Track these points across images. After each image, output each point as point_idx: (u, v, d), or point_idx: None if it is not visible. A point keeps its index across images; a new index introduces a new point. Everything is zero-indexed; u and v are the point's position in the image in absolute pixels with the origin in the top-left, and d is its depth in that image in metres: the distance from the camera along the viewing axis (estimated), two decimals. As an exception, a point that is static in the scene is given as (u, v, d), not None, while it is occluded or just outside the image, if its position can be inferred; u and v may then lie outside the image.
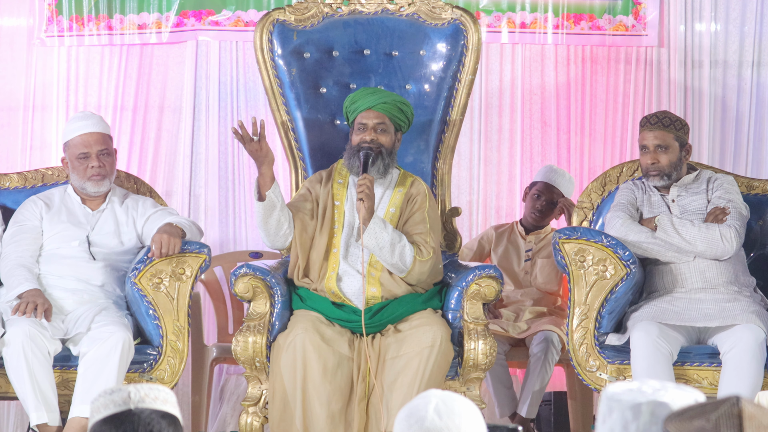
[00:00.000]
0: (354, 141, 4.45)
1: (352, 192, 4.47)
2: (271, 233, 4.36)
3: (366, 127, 4.43)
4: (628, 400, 2.06)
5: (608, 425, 2.06)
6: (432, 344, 4.12)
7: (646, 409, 2.04)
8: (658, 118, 4.68)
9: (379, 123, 4.44)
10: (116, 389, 2.35)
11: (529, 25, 5.96)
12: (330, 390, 4.10)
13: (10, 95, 5.89)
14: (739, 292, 4.55)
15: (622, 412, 2.06)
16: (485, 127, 5.98)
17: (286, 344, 4.14)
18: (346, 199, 4.46)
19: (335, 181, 4.50)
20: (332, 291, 4.33)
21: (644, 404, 2.05)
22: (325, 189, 4.48)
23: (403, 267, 4.30)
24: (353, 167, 4.44)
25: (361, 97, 4.47)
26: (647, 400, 2.05)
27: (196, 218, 5.89)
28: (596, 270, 4.44)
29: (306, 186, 4.52)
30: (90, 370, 4.23)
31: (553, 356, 5.08)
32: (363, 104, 4.45)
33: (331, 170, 4.55)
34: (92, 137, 4.64)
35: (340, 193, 4.48)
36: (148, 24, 5.89)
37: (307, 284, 4.39)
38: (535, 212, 5.49)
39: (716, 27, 6.00)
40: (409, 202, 4.45)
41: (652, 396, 2.06)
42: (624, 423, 2.05)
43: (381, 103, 4.44)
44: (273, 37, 4.79)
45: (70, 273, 4.53)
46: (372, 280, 4.34)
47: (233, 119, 5.92)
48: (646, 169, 4.70)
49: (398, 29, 4.85)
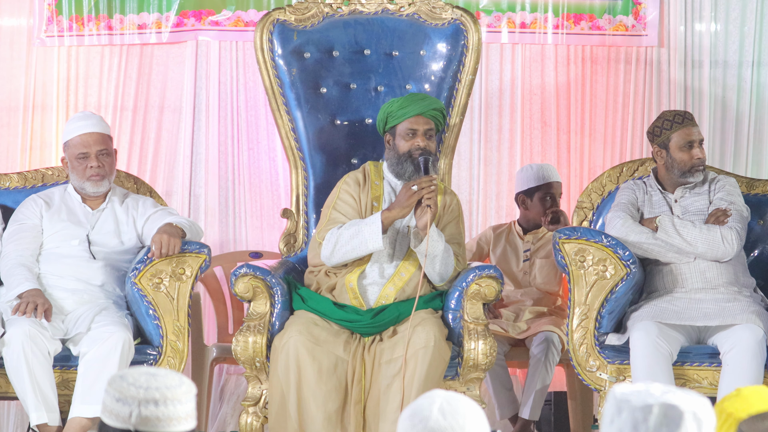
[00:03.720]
0: (403, 147, 4.42)
1: (389, 194, 4.47)
2: (349, 259, 4.35)
3: (416, 133, 4.42)
4: (638, 400, 2.06)
5: (617, 425, 2.06)
6: (425, 345, 4.11)
7: (658, 410, 2.04)
8: (689, 116, 4.70)
9: (428, 129, 4.44)
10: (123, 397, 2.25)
11: (529, 25, 5.96)
12: (326, 391, 4.10)
13: (10, 95, 5.89)
14: (739, 292, 4.55)
15: (632, 412, 2.05)
16: (485, 127, 5.98)
17: (280, 347, 4.15)
18: (383, 201, 4.46)
19: (373, 183, 4.49)
20: (350, 284, 4.34)
21: (655, 405, 2.05)
22: (364, 191, 4.47)
23: (445, 277, 4.35)
24: (404, 173, 4.41)
25: (410, 103, 4.44)
26: (658, 401, 2.05)
27: (196, 218, 5.88)
28: (596, 270, 4.44)
29: (349, 193, 4.46)
30: (90, 370, 4.22)
31: (554, 357, 5.07)
32: (413, 110, 4.42)
33: (365, 173, 4.51)
34: (91, 137, 4.64)
35: (378, 195, 4.48)
36: (148, 24, 5.89)
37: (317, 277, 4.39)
38: (547, 215, 5.39)
39: (716, 27, 5.99)
40: (445, 210, 4.48)
41: (662, 398, 2.06)
42: (634, 423, 2.05)
43: (431, 109, 4.45)
44: (273, 37, 4.79)
45: (70, 273, 4.53)
46: (399, 281, 4.35)
47: (233, 119, 5.92)
48: (692, 165, 4.68)
49: (398, 29, 4.86)
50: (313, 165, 4.80)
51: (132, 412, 2.23)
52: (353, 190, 4.46)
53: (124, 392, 2.24)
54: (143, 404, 2.23)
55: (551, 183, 5.46)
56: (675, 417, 2.04)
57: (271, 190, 5.95)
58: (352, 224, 4.32)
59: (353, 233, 4.28)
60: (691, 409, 2.05)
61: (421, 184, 4.27)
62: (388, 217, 4.28)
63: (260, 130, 5.94)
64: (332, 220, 4.40)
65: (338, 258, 4.33)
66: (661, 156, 4.70)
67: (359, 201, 4.45)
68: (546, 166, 5.51)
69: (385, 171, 4.52)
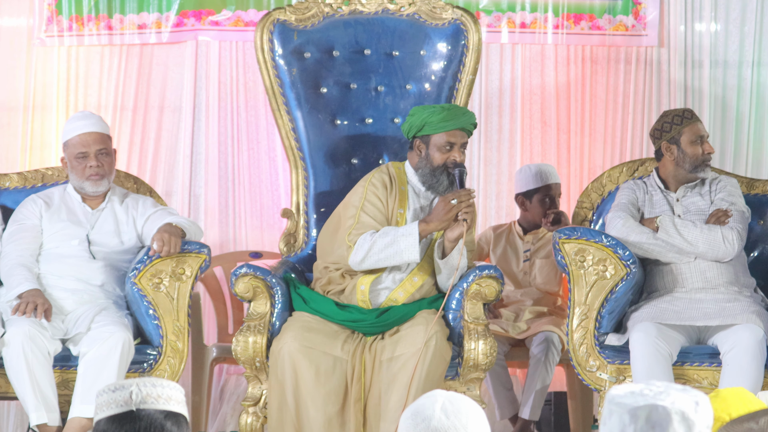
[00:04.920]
0: (438, 159, 4.37)
1: (413, 200, 4.44)
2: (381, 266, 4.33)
3: (454, 147, 4.38)
4: (627, 403, 2.06)
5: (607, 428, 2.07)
6: (427, 344, 4.11)
7: (642, 414, 2.04)
8: (693, 113, 4.74)
9: (464, 143, 4.42)
10: (119, 386, 2.35)
11: (529, 25, 5.96)
12: (324, 393, 4.09)
13: (10, 95, 5.89)
14: (740, 292, 4.55)
15: (620, 416, 2.06)
16: (485, 127, 5.98)
17: (277, 351, 4.15)
18: (408, 207, 4.44)
19: (399, 188, 4.47)
20: (362, 287, 4.34)
21: (641, 408, 2.05)
22: (392, 196, 4.44)
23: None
24: (439, 186, 4.38)
25: (453, 117, 4.38)
26: (645, 404, 2.05)
27: (196, 218, 5.89)
28: (596, 270, 4.44)
29: (377, 196, 4.42)
30: (90, 370, 4.22)
31: (554, 357, 5.07)
32: (455, 124, 4.38)
33: (390, 176, 4.47)
34: (91, 137, 4.63)
35: (404, 200, 4.45)
36: (148, 24, 5.89)
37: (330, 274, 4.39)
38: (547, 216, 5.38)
39: (716, 27, 6.00)
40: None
41: (651, 400, 2.06)
42: (621, 427, 2.05)
43: (471, 124, 4.43)
44: (273, 36, 4.79)
45: (69, 273, 4.53)
46: (410, 287, 4.35)
47: (233, 119, 5.92)
48: (703, 159, 4.70)
49: (399, 29, 4.86)
50: (313, 165, 4.80)
51: (132, 392, 2.33)
52: (381, 193, 4.42)
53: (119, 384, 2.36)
54: (140, 384, 2.35)
55: (550, 185, 5.45)
56: (661, 420, 2.04)
57: (271, 190, 5.95)
58: (387, 232, 4.29)
59: (388, 242, 4.25)
60: (680, 410, 2.05)
61: (460, 197, 4.24)
62: (426, 229, 4.26)
63: (260, 130, 5.94)
64: (362, 224, 4.35)
65: (369, 264, 4.30)
66: (671, 152, 4.70)
67: (386, 205, 4.42)
68: (544, 168, 5.50)
69: (409, 175, 4.49)
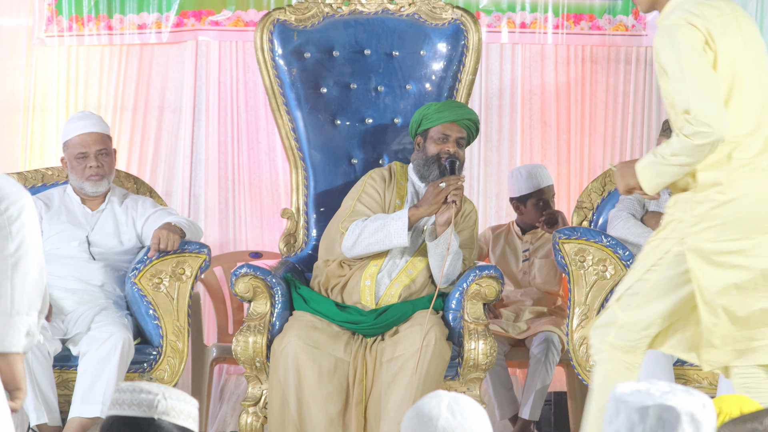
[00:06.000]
0: (432, 150, 4.43)
1: (413, 196, 4.48)
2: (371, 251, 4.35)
3: (448, 139, 4.42)
4: (635, 401, 2.06)
5: (614, 426, 2.06)
6: (426, 344, 4.11)
7: (653, 413, 2.04)
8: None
9: (460, 137, 4.45)
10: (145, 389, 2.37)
11: (529, 25, 5.97)
12: (327, 393, 4.09)
13: (10, 95, 5.89)
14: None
15: (628, 414, 2.05)
16: (485, 127, 5.98)
17: (279, 351, 4.15)
18: (406, 201, 4.47)
19: (398, 182, 4.50)
20: (367, 282, 4.34)
21: (651, 407, 2.04)
22: (390, 189, 4.48)
23: (451, 278, 4.35)
24: (429, 175, 4.42)
25: (447, 108, 4.46)
26: (655, 403, 2.05)
27: (196, 218, 5.89)
28: (596, 270, 4.44)
29: (375, 188, 4.47)
30: (90, 370, 4.22)
31: (554, 357, 5.07)
32: (449, 116, 4.43)
33: (391, 171, 4.54)
34: (90, 137, 4.64)
35: (402, 195, 4.49)
36: (148, 24, 5.89)
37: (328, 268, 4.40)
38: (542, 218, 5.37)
39: (716, 27, 5.99)
40: (462, 217, 4.48)
41: (659, 399, 2.06)
42: (630, 425, 2.05)
43: (466, 119, 4.46)
44: (273, 37, 4.79)
45: (69, 273, 4.53)
46: (405, 278, 4.35)
47: (233, 119, 5.92)
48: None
49: (399, 29, 4.86)
50: (313, 165, 4.80)
51: (158, 400, 2.35)
52: (379, 185, 4.48)
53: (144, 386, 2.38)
54: (167, 395, 2.37)
55: (542, 189, 5.42)
56: (671, 419, 2.04)
57: (271, 190, 5.95)
58: (378, 218, 4.34)
59: (378, 226, 4.30)
60: (689, 410, 2.05)
61: (449, 181, 4.29)
62: (415, 214, 4.30)
63: (260, 130, 5.95)
64: (356, 212, 4.41)
65: (360, 249, 4.33)
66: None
67: (383, 197, 4.48)
68: (534, 171, 5.44)
69: (410, 173, 4.53)
